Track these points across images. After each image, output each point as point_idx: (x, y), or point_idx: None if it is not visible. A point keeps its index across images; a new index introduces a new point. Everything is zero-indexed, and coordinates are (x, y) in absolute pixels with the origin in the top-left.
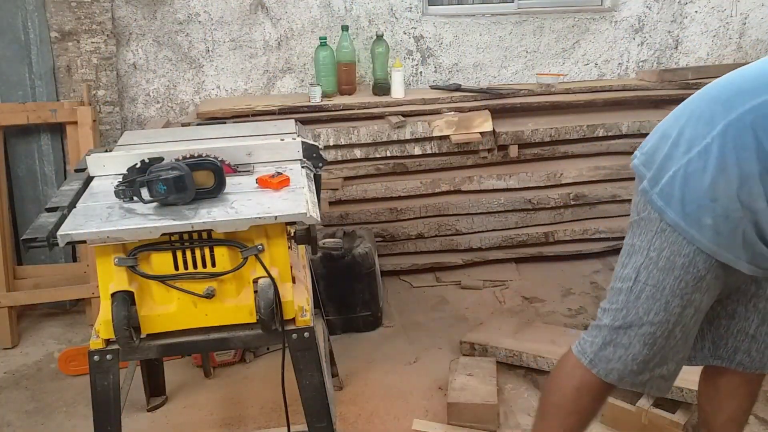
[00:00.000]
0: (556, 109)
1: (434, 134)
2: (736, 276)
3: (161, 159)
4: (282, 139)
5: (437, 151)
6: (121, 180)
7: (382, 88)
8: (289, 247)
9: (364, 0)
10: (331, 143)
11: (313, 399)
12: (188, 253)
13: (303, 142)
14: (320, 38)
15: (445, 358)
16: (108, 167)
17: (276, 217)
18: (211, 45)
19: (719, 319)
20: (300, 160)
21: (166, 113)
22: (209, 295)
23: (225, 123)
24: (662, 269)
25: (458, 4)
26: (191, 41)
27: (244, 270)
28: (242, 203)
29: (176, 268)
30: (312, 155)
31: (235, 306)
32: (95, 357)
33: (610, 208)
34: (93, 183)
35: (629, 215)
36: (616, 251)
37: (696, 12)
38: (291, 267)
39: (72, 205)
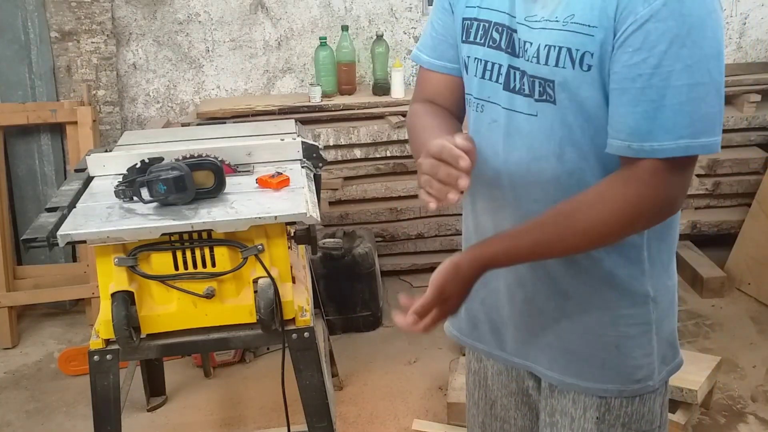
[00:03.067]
0: None
1: None
2: None
3: (161, 159)
4: (282, 139)
5: None
6: (121, 180)
7: (382, 88)
8: (289, 247)
9: (364, 0)
10: (331, 143)
11: (313, 399)
12: (188, 253)
13: (303, 142)
14: (320, 38)
15: (445, 358)
16: (108, 167)
17: (276, 217)
18: (211, 45)
19: None
20: (300, 160)
21: (166, 113)
22: (209, 295)
23: (225, 123)
24: None
25: None
26: (191, 41)
27: (244, 270)
28: (242, 203)
29: (176, 268)
30: (312, 155)
31: (235, 306)
32: (95, 357)
33: None
34: (93, 183)
35: None
36: None
37: None
38: (291, 267)
39: (72, 205)
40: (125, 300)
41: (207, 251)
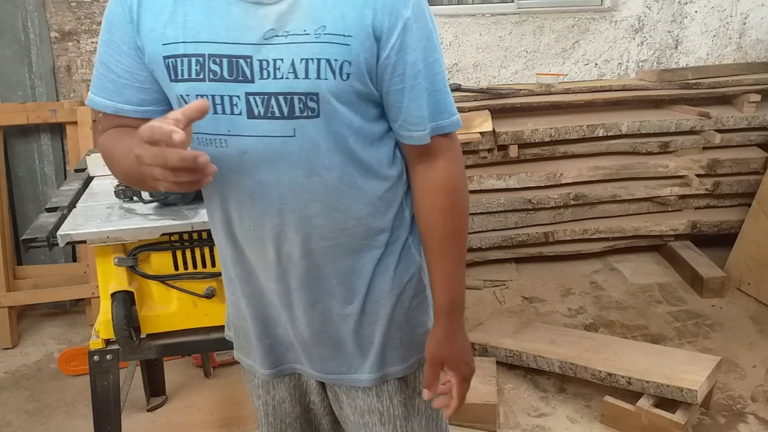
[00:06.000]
0: (556, 109)
1: None
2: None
3: None
4: None
5: None
6: None
7: None
8: None
9: None
10: None
11: None
12: (188, 253)
13: None
14: None
15: None
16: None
17: None
18: None
19: None
20: None
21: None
22: (209, 295)
23: None
24: None
25: (458, 4)
26: None
27: None
28: None
29: (176, 268)
30: None
31: None
32: (95, 357)
33: (610, 208)
34: (93, 183)
35: (629, 215)
36: (616, 251)
37: (696, 12)
38: None
39: (72, 205)
40: (125, 300)
41: (207, 251)
